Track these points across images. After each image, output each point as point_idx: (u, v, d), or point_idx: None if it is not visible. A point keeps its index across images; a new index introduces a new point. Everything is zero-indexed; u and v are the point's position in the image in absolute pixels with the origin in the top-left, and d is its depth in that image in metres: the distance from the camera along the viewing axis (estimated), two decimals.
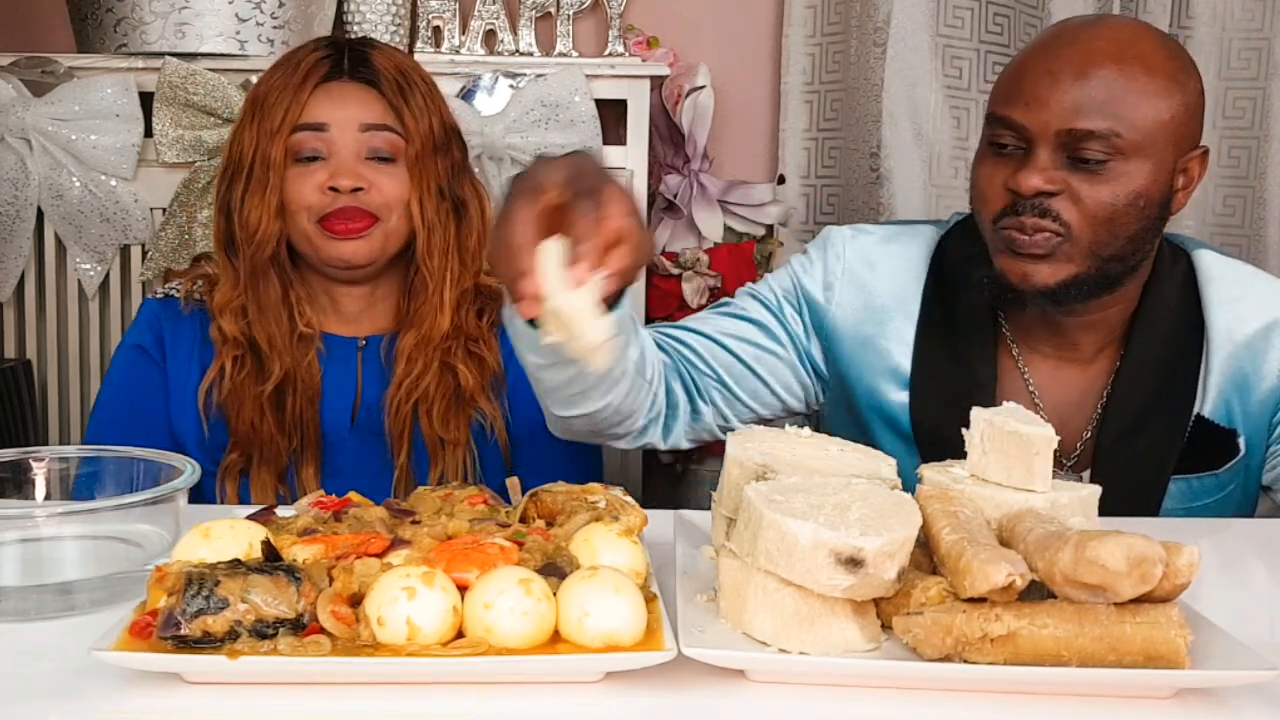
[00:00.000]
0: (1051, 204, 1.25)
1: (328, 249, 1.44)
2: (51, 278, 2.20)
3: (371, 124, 1.45)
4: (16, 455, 1.05)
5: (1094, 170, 1.24)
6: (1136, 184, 1.25)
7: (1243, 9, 2.25)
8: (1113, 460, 1.33)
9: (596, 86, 2.17)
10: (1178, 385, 1.35)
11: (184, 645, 0.76)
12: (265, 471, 1.44)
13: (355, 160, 1.44)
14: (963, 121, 2.26)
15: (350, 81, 1.47)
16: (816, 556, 0.78)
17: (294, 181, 1.44)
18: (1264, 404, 1.35)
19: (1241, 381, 1.34)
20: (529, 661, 0.78)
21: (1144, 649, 0.77)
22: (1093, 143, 1.23)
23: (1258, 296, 1.37)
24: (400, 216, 1.46)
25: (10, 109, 2.09)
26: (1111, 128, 1.22)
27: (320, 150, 1.44)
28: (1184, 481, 1.35)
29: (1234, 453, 1.35)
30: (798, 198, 2.38)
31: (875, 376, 1.41)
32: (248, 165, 1.45)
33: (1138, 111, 1.23)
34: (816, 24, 2.34)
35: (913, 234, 1.45)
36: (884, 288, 1.42)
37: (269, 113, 1.44)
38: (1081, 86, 1.23)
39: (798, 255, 1.49)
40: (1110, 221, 1.25)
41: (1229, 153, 2.29)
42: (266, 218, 1.44)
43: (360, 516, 0.92)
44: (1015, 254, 1.27)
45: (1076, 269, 1.26)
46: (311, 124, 1.44)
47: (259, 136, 1.44)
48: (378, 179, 1.45)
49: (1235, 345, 1.34)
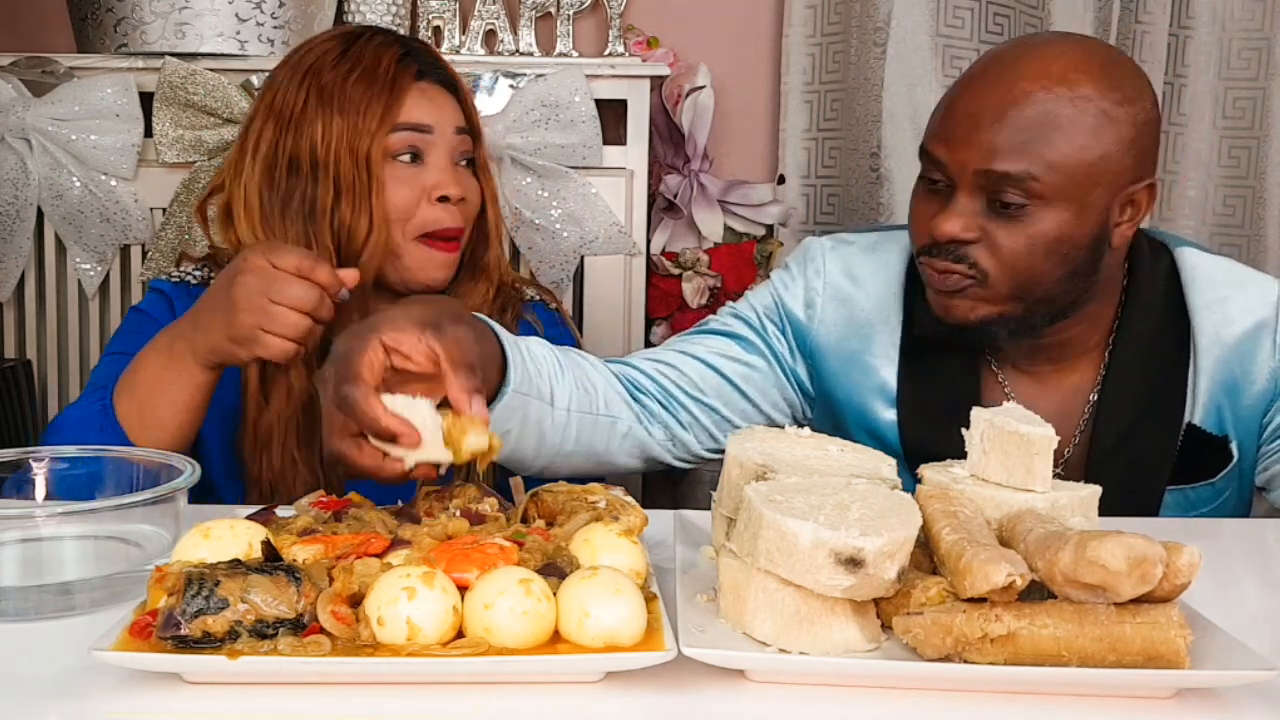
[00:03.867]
0: (967, 251, 1.22)
1: (422, 271, 1.36)
2: (51, 278, 2.20)
3: (461, 127, 1.40)
4: (16, 455, 1.05)
5: (1012, 215, 1.20)
6: (1057, 229, 1.20)
7: (1243, 9, 2.25)
8: (1105, 472, 1.28)
9: (596, 86, 2.17)
10: (1166, 392, 1.32)
11: (184, 645, 0.76)
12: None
13: (452, 166, 1.38)
14: None
15: (433, 82, 1.40)
16: (816, 556, 0.78)
17: (394, 186, 1.34)
18: (1254, 407, 1.32)
19: (1231, 385, 1.31)
20: (529, 661, 0.78)
21: (1144, 649, 0.77)
22: (1008, 185, 1.18)
23: (1245, 296, 1.32)
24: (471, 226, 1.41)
25: (10, 109, 2.09)
26: (1027, 170, 1.18)
27: (420, 151, 1.36)
28: (1179, 493, 1.33)
29: (1227, 460, 1.33)
30: (798, 198, 2.38)
31: (863, 394, 1.38)
32: (332, 164, 1.32)
33: (1058, 152, 1.18)
34: (816, 24, 2.34)
35: (892, 240, 1.42)
36: (867, 301, 1.39)
37: (357, 108, 1.33)
38: (999, 128, 1.19)
39: (778, 271, 1.47)
40: (1029, 270, 1.21)
41: (1229, 153, 2.29)
42: (375, 228, 1.32)
43: (360, 516, 0.92)
44: (933, 289, 1.26)
45: (998, 309, 1.24)
46: (415, 124, 1.35)
47: (347, 134, 1.32)
48: (469, 187, 1.40)
49: (1224, 348, 1.31)
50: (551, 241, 2.16)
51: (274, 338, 1.15)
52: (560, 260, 2.16)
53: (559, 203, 2.15)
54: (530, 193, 2.15)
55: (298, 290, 1.14)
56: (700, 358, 1.39)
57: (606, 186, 2.17)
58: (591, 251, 2.17)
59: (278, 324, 1.15)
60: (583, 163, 2.16)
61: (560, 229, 2.16)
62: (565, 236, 2.16)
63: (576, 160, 2.15)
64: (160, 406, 1.22)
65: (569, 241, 2.16)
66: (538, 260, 2.16)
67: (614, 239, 2.16)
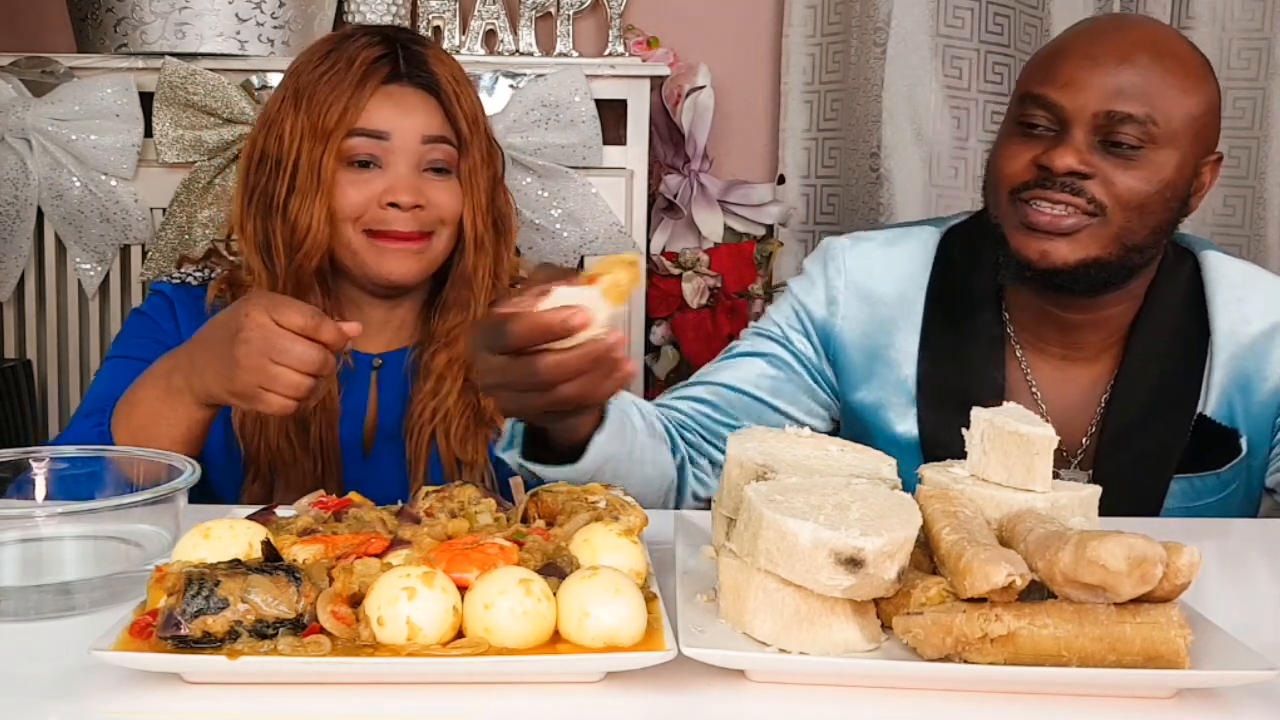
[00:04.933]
0: (1085, 185, 1.24)
1: (375, 264, 1.37)
2: (51, 278, 2.20)
3: (433, 136, 1.38)
4: (16, 455, 1.05)
5: (1127, 156, 1.24)
6: (1166, 174, 1.25)
7: (1243, 9, 2.25)
8: (1115, 459, 1.33)
9: (596, 86, 2.17)
10: (1180, 384, 1.35)
11: (184, 645, 0.76)
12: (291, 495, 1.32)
13: (413, 173, 1.37)
14: (963, 121, 2.26)
15: (410, 86, 1.39)
16: (816, 556, 0.78)
17: (345, 189, 1.35)
18: (1266, 405, 1.35)
19: (1245, 382, 1.34)
20: (529, 661, 0.78)
21: (1144, 649, 0.77)
22: (1129, 127, 1.23)
23: (1263, 298, 1.36)
24: (450, 232, 1.41)
25: (10, 109, 2.09)
26: (1149, 113, 1.23)
27: (376, 157, 1.36)
28: (1185, 481, 1.35)
29: (1235, 452, 1.35)
30: (798, 198, 2.38)
31: (886, 391, 1.40)
32: (290, 162, 1.35)
33: (1172, 102, 1.24)
34: (816, 24, 2.34)
35: (913, 235, 1.44)
36: (889, 295, 1.41)
37: (320, 110, 1.34)
38: (1122, 71, 1.24)
39: (795, 278, 1.48)
40: (1141, 209, 1.25)
41: (1229, 153, 2.29)
42: (317, 224, 1.34)
43: (360, 516, 0.92)
44: (1033, 230, 1.26)
45: (1098, 252, 1.26)
46: (372, 131, 1.35)
47: (307, 135, 1.34)
48: (435, 194, 1.38)
49: (1239, 346, 1.34)
50: (551, 241, 2.16)
51: (275, 396, 1.13)
52: (560, 260, 2.16)
53: (559, 203, 2.15)
54: (530, 193, 2.15)
55: (301, 351, 1.12)
56: (731, 385, 1.41)
57: (606, 186, 2.17)
58: (591, 251, 2.17)
59: (279, 384, 1.12)
60: (583, 163, 2.16)
61: (560, 229, 2.16)
62: (565, 236, 2.16)
63: (576, 160, 2.16)
64: (158, 439, 1.20)
65: (569, 241, 2.17)
66: (538, 260, 2.16)
67: (614, 239, 2.16)
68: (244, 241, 1.40)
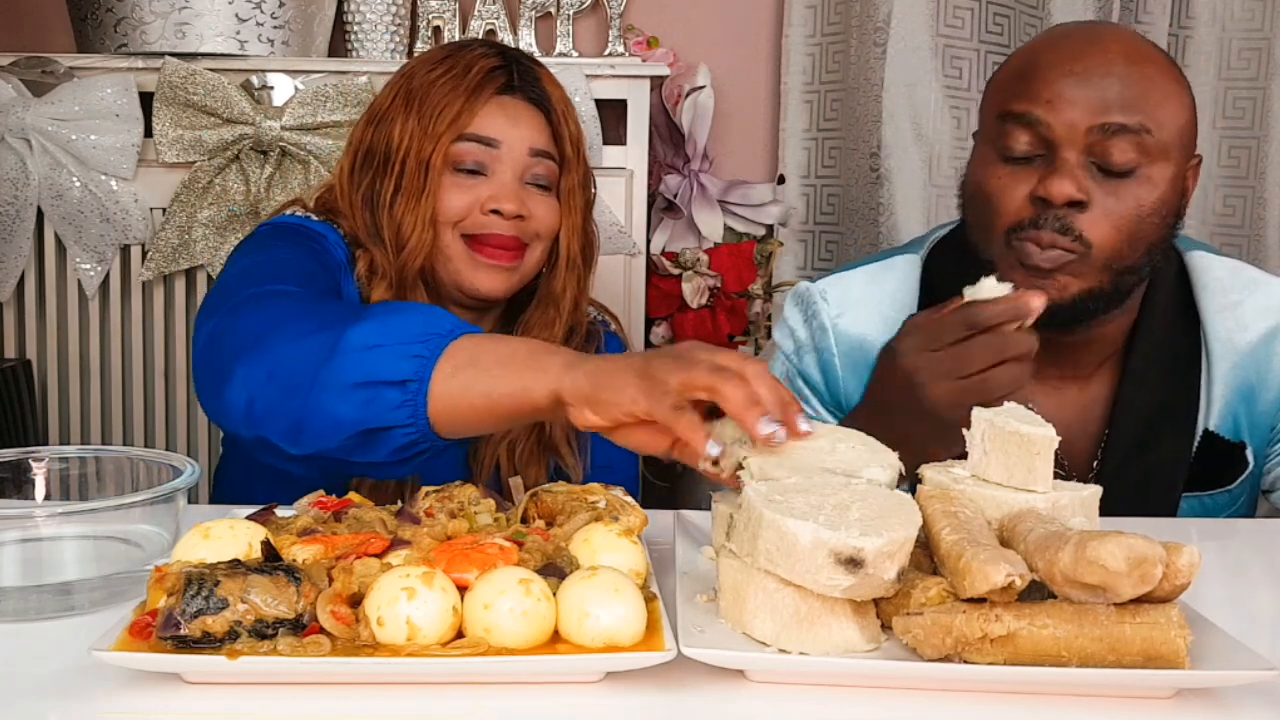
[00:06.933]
0: (1074, 220, 1.18)
1: (470, 275, 1.36)
2: (51, 278, 2.19)
3: (539, 150, 1.39)
4: (16, 455, 1.05)
5: (1121, 177, 1.18)
6: (1160, 190, 1.20)
7: (1243, 9, 2.25)
8: (1121, 480, 1.27)
9: (596, 86, 2.17)
10: (1182, 399, 1.31)
11: (184, 645, 0.76)
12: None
13: (517, 183, 1.37)
14: (963, 121, 2.26)
15: (522, 99, 1.40)
16: (816, 556, 0.78)
17: (450, 191, 1.36)
18: (1267, 412, 1.32)
19: (1247, 392, 1.30)
20: (529, 661, 0.78)
21: (1144, 649, 0.77)
22: (1123, 139, 1.17)
23: (1257, 300, 1.32)
24: (543, 248, 1.41)
25: (10, 109, 2.09)
26: (1141, 122, 1.17)
27: (483, 165, 1.37)
28: (1195, 499, 1.32)
29: (1243, 466, 1.31)
30: (798, 198, 2.38)
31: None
32: (398, 162, 1.35)
33: (1161, 109, 1.19)
34: (816, 24, 2.34)
35: (894, 268, 1.39)
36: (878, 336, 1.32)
37: (432, 112, 1.35)
38: (1108, 82, 1.18)
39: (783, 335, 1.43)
40: (1133, 234, 1.20)
41: (1229, 153, 2.30)
42: (420, 227, 1.34)
43: (360, 516, 0.92)
44: (1027, 269, 1.20)
45: (1087, 284, 1.21)
46: (482, 137, 1.37)
47: (417, 135, 1.35)
48: (536, 207, 1.38)
49: (1239, 354, 1.30)
50: None
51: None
52: None
53: None
54: None
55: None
56: None
57: (606, 186, 2.17)
58: None
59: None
60: None
61: None
62: None
63: None
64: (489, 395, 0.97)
65: None
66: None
67: (614, 239, 2.16)
68: (359, 230, 1.38)
